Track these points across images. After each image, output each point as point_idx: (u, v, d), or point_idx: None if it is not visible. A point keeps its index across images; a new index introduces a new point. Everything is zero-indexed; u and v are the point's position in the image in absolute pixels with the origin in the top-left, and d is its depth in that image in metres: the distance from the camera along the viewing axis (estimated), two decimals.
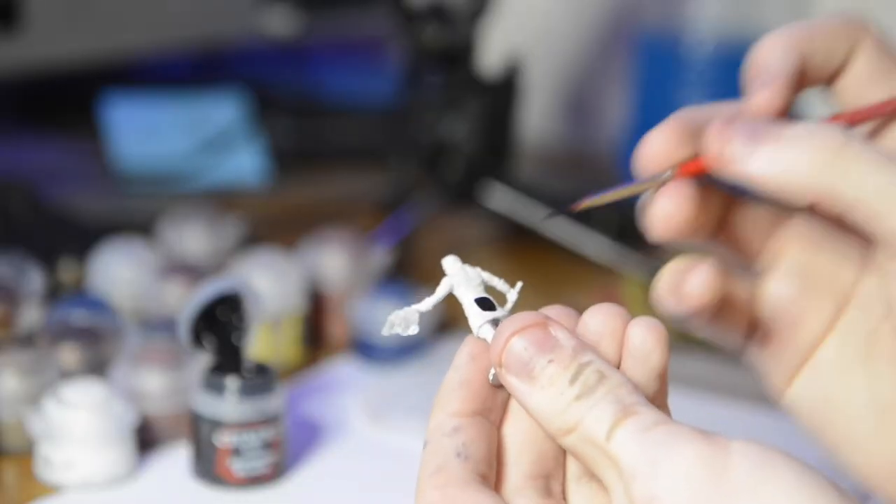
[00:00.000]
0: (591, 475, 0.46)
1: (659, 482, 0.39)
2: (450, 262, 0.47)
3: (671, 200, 0.47)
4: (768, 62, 0.48)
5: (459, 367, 0.45)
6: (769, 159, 0.45)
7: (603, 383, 0.41)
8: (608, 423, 0.40)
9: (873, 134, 0.50)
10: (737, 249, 0.51)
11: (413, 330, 0.47)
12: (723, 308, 0.49)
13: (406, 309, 0.47)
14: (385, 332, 0.47)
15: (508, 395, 0.46)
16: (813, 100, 0.51)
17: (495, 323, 0.46)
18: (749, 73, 0.48)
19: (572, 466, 0.46)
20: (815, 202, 0.45)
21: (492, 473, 0.44)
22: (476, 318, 0.46)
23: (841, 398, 0.49)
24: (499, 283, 0.48)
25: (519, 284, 0.47)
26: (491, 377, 0.45)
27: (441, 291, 0.47)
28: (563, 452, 0.46)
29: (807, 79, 0.49)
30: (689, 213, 0.47)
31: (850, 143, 0.44)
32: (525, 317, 0.43)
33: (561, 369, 0.42)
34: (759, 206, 0.50)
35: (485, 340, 0.46)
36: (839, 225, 0.49)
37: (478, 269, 0.47)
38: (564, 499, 0.45)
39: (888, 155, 0.44)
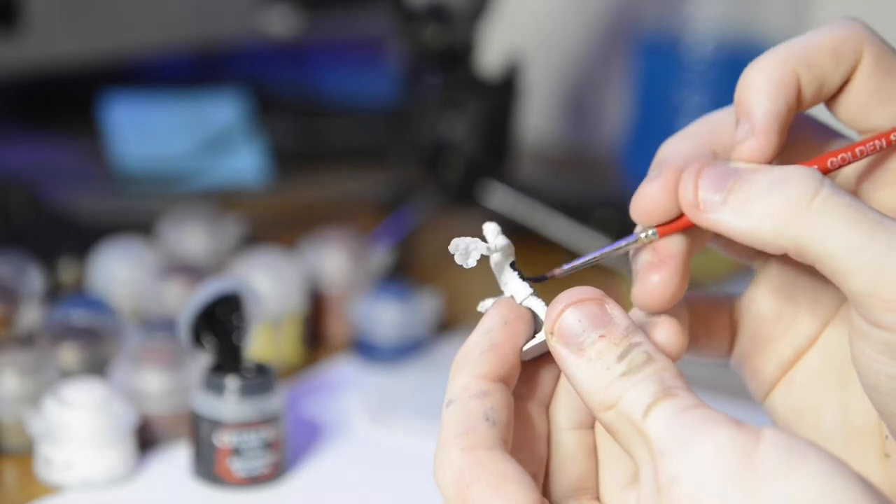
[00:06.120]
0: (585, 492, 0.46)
1: (685, 463, 0.39)
2: (491, 228, 0.47)
3: (660, 283, 0.46)
4: (754, 104, 0.46)
5: (490, 331, 0.45)
6: (737, 211, 0.44)
7: (649, 364, 0.42)
8: (646, 402, 0.41)
9: (872, 168, 0.48)
10: (731, 251, 0.51)
11: (471, 263, 0.46)
12: (703, 333, 0.50)
13: (477, 241, 0.46)
14: (451, 248, 0.46)
15: (531, 373, 0.46)
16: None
17: (535, 294, 0.46)
18: (736, 108, 0.47)
19: (564, 478, 0.46)
20: (785, 252, 0.44)
21: (511, 443, 0.44)
22: (521, 287, 0.46)
23: (812, 417, 0.49)
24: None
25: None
26: (523, 351, 0.45)
27: (503, 241, 0.46)
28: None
29: (803, 103, 0.47)
30: (678, 290, 0.46)
31: (820, 194, 0.43)
32: (584, 290, 0.44)
33: (611, 345, 0.42)
34: None
35: (529, 309, 0.46)
36: None
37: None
38: None
39: (860, 207, 0.43)
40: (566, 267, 0.47)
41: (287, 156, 1.26)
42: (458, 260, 0.46)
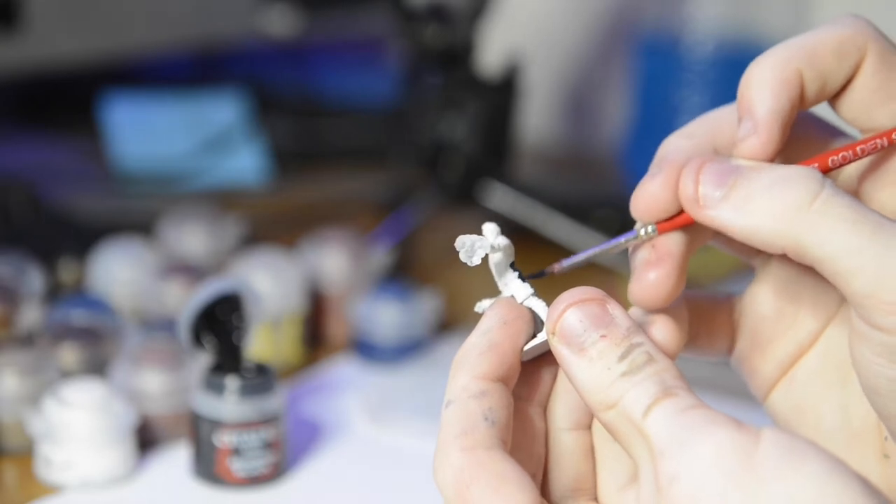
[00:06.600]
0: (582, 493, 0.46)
1: (685, 463, 0.39)
2: (491, 228, 0.47)
3: (656, 280, 0.47)
4: (757, 101, 0.46)
5: (489, 331, 0.45)
6: (737, 209, 0.44)
7: (650, 364, 0.42)
8: (647, 402, 0.41)
9: (874, 168, 0.48)
10: (731, 249, 0.51)
11: (476, 261, 0.46)
12: (703, 332, 0.50)
13: (483, 239, 0.46)
14: (457, 245, 0.46)
15: (530, 373, 0.46)
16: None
17: (535, 295, 0.46)
18: (739, 105, 0.47)
19: (562, 479, 0.46)
20: (784, 252, 0.44)
21: (510, 443, 0.44)
22: (522, 287, 0.46)
23: (812, 417, 0.49)
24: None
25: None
26: (524, 351, 0.45)
27: (504, 241, 0.46)
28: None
29: (806, 101, 0.47)
30: (675, 288, 0.47)
31: (820, 195, 0.43)
32: (585, 290, 0.44)
33: (612, 346, 0.42)
34: None
35: (528, 309, 0.46)
36: None
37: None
38: None
39: (860, 209, 0.43)
40: (565, 263, 0.48)
41: (287, 156, 1.26)
42: (462, 257, 0.46)
